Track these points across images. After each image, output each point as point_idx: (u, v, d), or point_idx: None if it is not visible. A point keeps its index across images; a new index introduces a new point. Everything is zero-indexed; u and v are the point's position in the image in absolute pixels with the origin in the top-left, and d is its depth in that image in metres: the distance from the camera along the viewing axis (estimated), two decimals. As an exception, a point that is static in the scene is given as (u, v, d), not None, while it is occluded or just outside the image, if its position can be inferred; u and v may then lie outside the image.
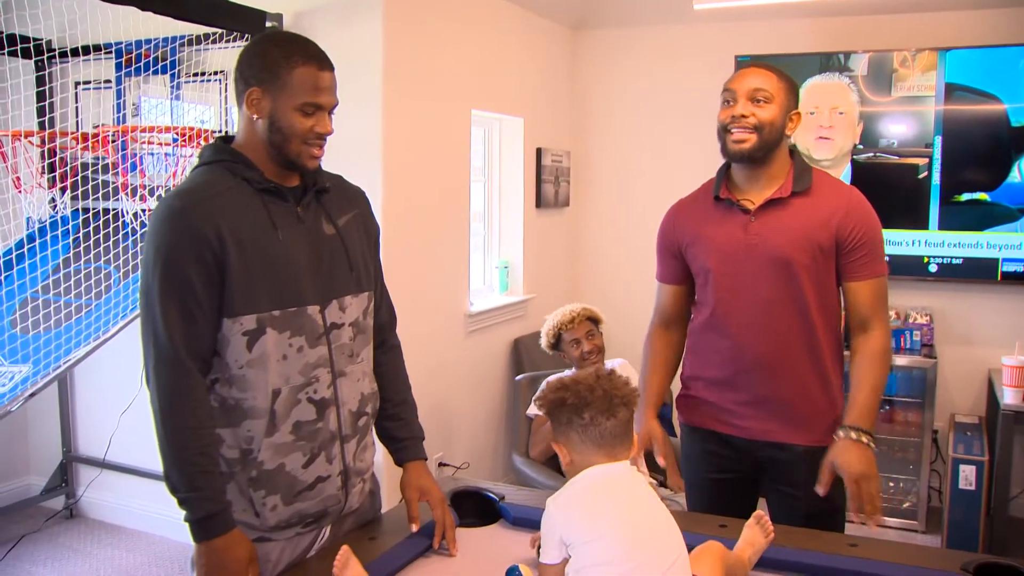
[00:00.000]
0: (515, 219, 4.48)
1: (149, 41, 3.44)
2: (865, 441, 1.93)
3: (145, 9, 2.69)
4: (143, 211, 3.28)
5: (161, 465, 1.54)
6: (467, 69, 3.84)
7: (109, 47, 3.48)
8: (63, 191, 3.51)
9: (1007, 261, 3.96)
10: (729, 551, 1.53)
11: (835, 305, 2.10)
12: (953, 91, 3.98)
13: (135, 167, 3.35)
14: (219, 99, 3.46)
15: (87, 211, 3.52)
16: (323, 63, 1.62)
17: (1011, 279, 3.97)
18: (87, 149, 3.35)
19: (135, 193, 3.30)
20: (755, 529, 1.60)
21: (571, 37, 4.84)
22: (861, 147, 4.15)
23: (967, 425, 3.92)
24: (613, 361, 3.45)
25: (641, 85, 4.72)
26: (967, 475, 3.57)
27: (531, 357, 4.23)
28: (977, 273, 4.02)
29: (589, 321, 3.40)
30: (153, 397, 1.54)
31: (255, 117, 1.60)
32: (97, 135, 3.31)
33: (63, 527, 3.96)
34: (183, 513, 1.53)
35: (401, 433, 1.87)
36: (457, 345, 3.91)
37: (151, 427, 1.55)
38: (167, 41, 3.43)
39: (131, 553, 3.68)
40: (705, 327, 2.16)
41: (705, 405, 2.18)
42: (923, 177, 4.05)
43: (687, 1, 3.91)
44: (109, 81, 3.64)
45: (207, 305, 1.53)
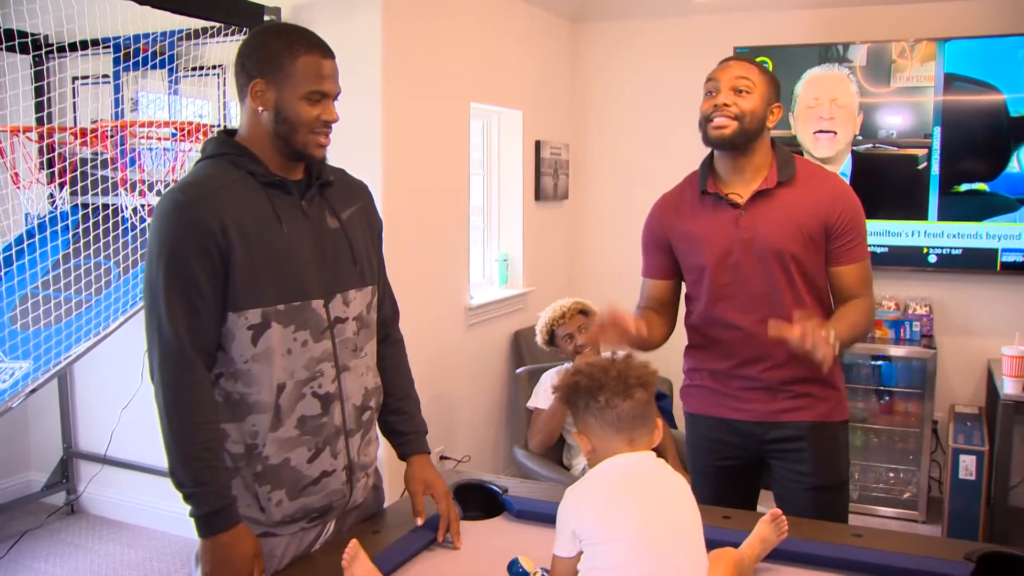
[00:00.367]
0: (514, 212, 4.47)
1: (147, 36, 3.43)
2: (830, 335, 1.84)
3: (144, 3, 2.68)
4: (142, 206, 3.27)
5: (166, 460, 1.54)
6: (466, 62, 3.83)
7: (107, 42, 3.47)
8: (62, 187, 3.50)
9: (1006, 251, 3.96)
10: (743, 558, 1.51)
11: (824, 288, 2.14)
12: (952, 81, 3.98)
13: (134, 162, 3.34)
14: (218, 93, 3.45)
15: (86, 207, 3.51)
16: (325, 51, 1.61)
17: (1010, 269, 3.98)
18: (85, 144, 3.34)
19: (134, 188, 3.29)
20: (769, 527, 1.58)
21: (570, 29, 4.83)
22: (860, 138, 4.15)
23: (967, 415, 3.93)
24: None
25: (640, 77, 4.71)
26: (967, 465, 3.57)
27: (531, 350, 4.23)
28: (976, 263, 4.02)
29: (581, 315, 3.40)
30: (158, 392, 1.53)
31: (260, 109, 1.59)
32: (95, 130, 3.30)
33: (64, 523, 3.96)
34: (188, 508, 1.53)
35: (405, 427, 1.87)
36: (458, 338, 3.91)
37: (152, 422, 1.55)
38: (165, 35, 3.41)
39: (133, 549, 3.68)
40: (704, 321, 2.18)
41: (710, 393, 2.21)
42: (922, 168, 4.04)
43: (686, -7, 3.91)
44: (107, 76, 3.63)
45: (212, 299, 1.52)
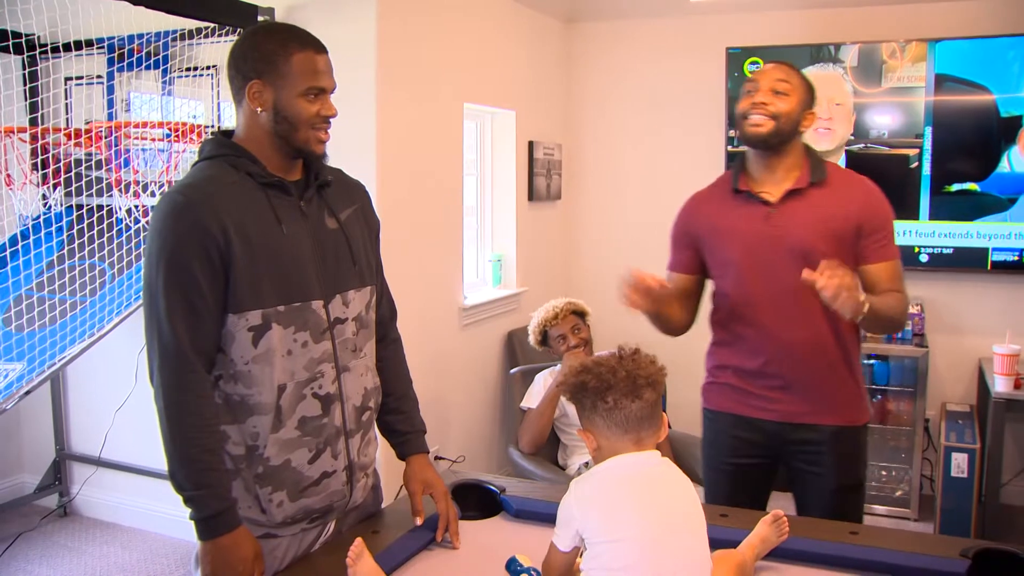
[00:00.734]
0: (507, 212, 4.48)
1: (140, 36, 3.41)
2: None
3: (137, 3, 2.68)
4: (136, 207, 3.26)
5: (166, 463, 1.53)
6: (460, 62, 3.84)
7: (100, 42, 3.45)
8: (55, 187, 3.48)
9: (997, 251, 3.99)
10: (746, 560, 1.52)
11: None
12: (943, 82, 4.00)
13: (127, 163, 3.33)
14: (211, 94, 3.45)
15: (79, 207, 3.49)
16: (319, 47, 1.62)
17: (1001, 268, 4.01)
18: (79, 145, 3.33)
19: (128, 189, 3.28)
20: (770, 528, 1.58)
21: (563, 30, 4.84)
22: (852, 138, 4.18)
23: (958, 413, 3.96)
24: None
25: (633, 78, 4.73)
26: (959, 463, 3.60)
27: (525, 350, 4.23)
28: (967, 262, 4.05)
29: (574, 315, 3.40)
30: (157, 395, 1.53)
31: (258, 110, 1.59)
32: (89, 131, 3.29)
33: (58, 525, 3.94)
34: (188, 511, 1.53)
35: (403, 427, 1.88)
36: (451, 339, 3.91)
37: (146, 424, 1.54)
38: (158, 36, 3.40)
39: (127, 551, 3.67)
40: (730, 318, 2.20)
41: (734, 391, 2.22)
42: (914, 167, 4.07)
43: (679, -7, 3.92)
44: (100, 76, 3.62)
45: (212, 301, 1.52)
